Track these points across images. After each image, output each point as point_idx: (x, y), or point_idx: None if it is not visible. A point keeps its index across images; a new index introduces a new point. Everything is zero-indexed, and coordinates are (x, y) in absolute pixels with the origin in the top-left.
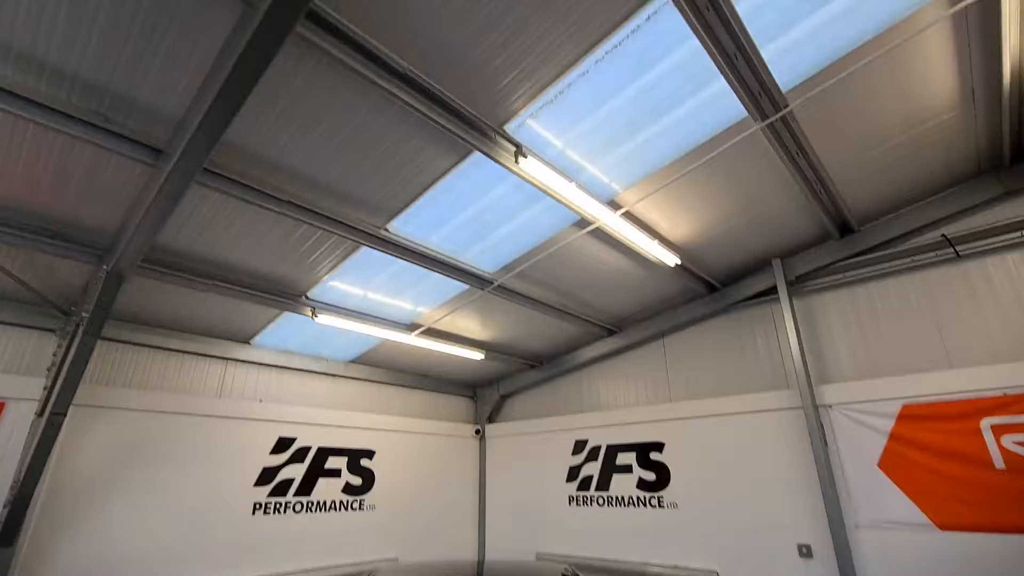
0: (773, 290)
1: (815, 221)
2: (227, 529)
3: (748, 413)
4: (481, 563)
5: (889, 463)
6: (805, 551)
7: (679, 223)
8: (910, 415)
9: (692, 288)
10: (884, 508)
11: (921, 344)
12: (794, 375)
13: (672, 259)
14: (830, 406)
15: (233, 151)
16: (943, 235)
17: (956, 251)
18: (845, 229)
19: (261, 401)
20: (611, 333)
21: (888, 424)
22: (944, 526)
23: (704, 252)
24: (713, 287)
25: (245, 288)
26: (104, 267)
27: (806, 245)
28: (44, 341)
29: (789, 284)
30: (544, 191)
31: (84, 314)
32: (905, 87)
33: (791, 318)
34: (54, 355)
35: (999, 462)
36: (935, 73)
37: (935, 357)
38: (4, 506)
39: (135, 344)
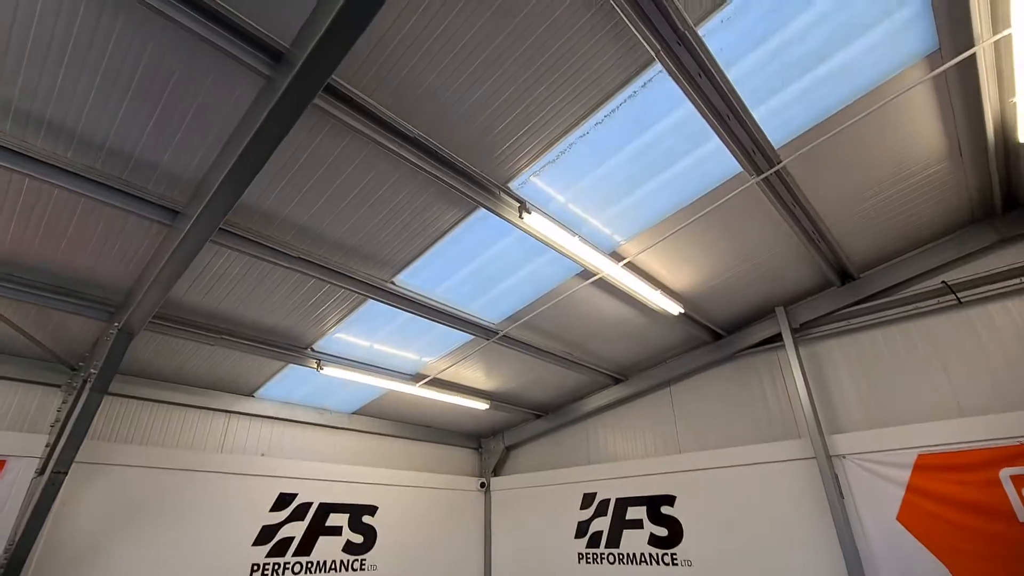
0: (778, 337)
1: (815, 269)
2: None
3: (760, 464)
4: None
5: (909, 516)
6: None
7: (681, 273)
8: (926, 465)
9: (696, 336)
10: (908, 567)
11: (930, 392)
12: (804, 424)
13: (675, 308)
14: (843, 456)
15: (246, 210)
16: (943, 282)
17: (958, 298)
18: (845, 276)
19: (263, 455)
20: (617, 381)
21: (905, 475)
22: None
23: (707, 301)
24: (718, 335)
25: (252, 341)
26: (116, 324)
27: (808, 292)
28: (48, 397)
29: (794, 331)
30: (547, 244)
31: (92, 370)
32: (894, 142)
33: (798, 365)
34: (58, 411)
35: (1022, 515)
36: (922, 129)
37: (946, 405)
38: (3, 560)
39: (138, 399)
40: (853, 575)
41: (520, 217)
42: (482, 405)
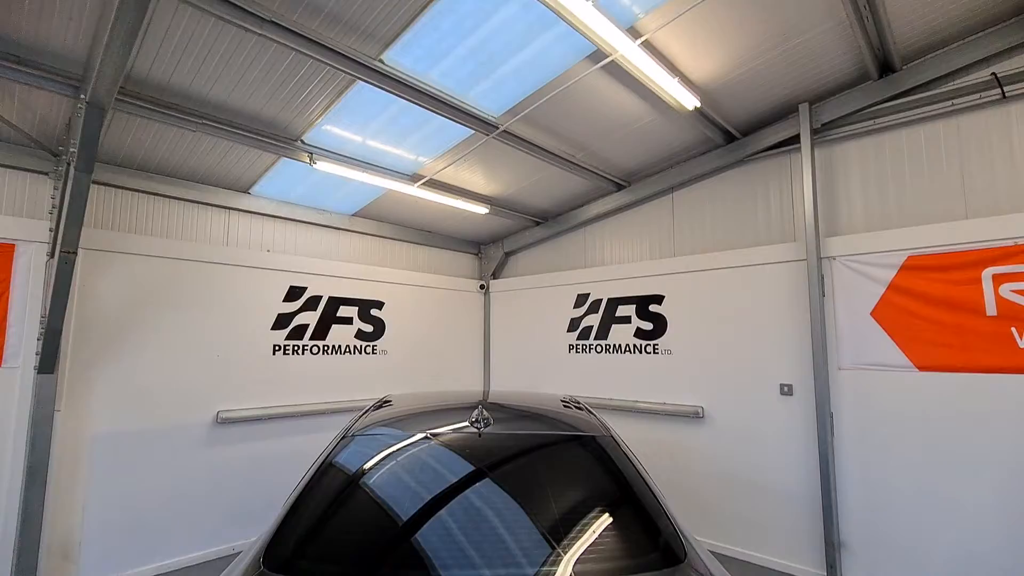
0: (794, 139)
1: (855, 58)
2: (250, 367)
3: (751, 266)
4: (487, 392)
5: (882, 312)
6: (786, 390)
7: (703, 58)
8: (914, 266)
9: (709, 138)
10: (869, 352)
11: (941, 194)
12: (803, 228)
13: (692, 100)
14: (834, 257)
15: None
16: (993, 73)
17: (1003, 91)
18: (885, 68)
19: (268, 251)
20: (619, 188)
21: (890, 274)
22: (923, 367)
23: (726, 95)
24: (731, 137)
25: (236, 129)
26: (82, 97)
27: (839, 88)
28: (39, 186)
29: (814, 132)
30: (557, 12)
31: (72, 149)
32: None
33: (809, 169)
34: (52, 198)
35: (991, 309)
36: None
37: (953, 208)
38: (38, 338)
39: (134, 191)
40: (818, 361)
41: None
42: (482, 209)
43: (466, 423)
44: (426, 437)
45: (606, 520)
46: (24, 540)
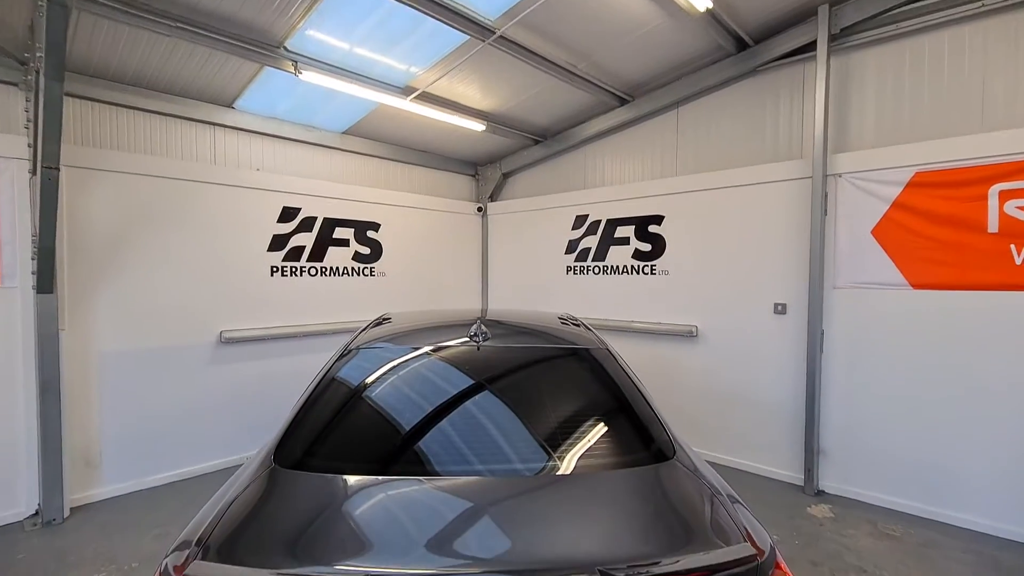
0: (810, 47)
1: None
2: (249, 288)
3: (754, 185)
4: (485, 311)
5: (883, 230)
6: (780, 309)
7: None
8: (920, 183)
9: (720, 45)
10: (865, 271)
11: (957, 106)
12: (811, 145)
13: (703, 1)
14: (840, 175)
15: None
16: None
17: None
18: None
19: (258, 170)
20: (623, 102)
21: (895, 192)
22: (918, 285)
23: None
24: (743, 44)
25: (212, 33)
26: None
27: None
28: (9, 98)
29: (831, 37)
30: None
31: (39, 53)
32: None
33: (824, 78)
34: (26, 111)
35: (993, 226)
36: None
37: (968, 121)
38: (32, 257)
39: (113, 104)
40: (814, 280)
41: None
42: (478, 126)
43: (465, 337)
44: (425, 350)
45: (601, 422)
46: (47, 449)
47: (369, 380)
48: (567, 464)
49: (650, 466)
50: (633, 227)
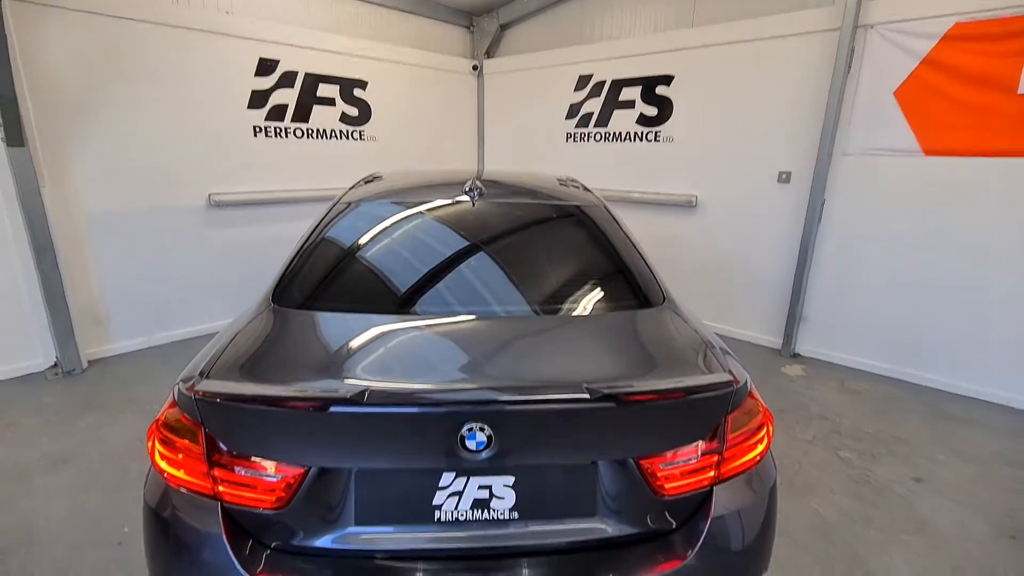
0: None
1: None
2: (232, 149)
3: (774, 39)
4: (480, 171)
5: (906, 91)
6: (784, 177)
7: None
8: (957, 35)
9: None
10: (879, 135)
11: None
12: None
13: None
14: (871, 26)
15: None
16: None
17: None
18: None
19: (228, 13)
20: None
21: (928, 46)
22: (930, 151)
23: None
24: None
25: None
26: None
27: None
28: None
29: None
30: None
31: None
32: None
33: None
34: None
35: None
36: None
37: None
38: None
39: None
40: (824, 146)
41: None
42: None
43: (460, 193)
44: (418, 203)
45: (596, 271)
46: (52, 305)
47: (361, 230)
48: (561, 306)
49: (640, 310)
50: (640, 88)
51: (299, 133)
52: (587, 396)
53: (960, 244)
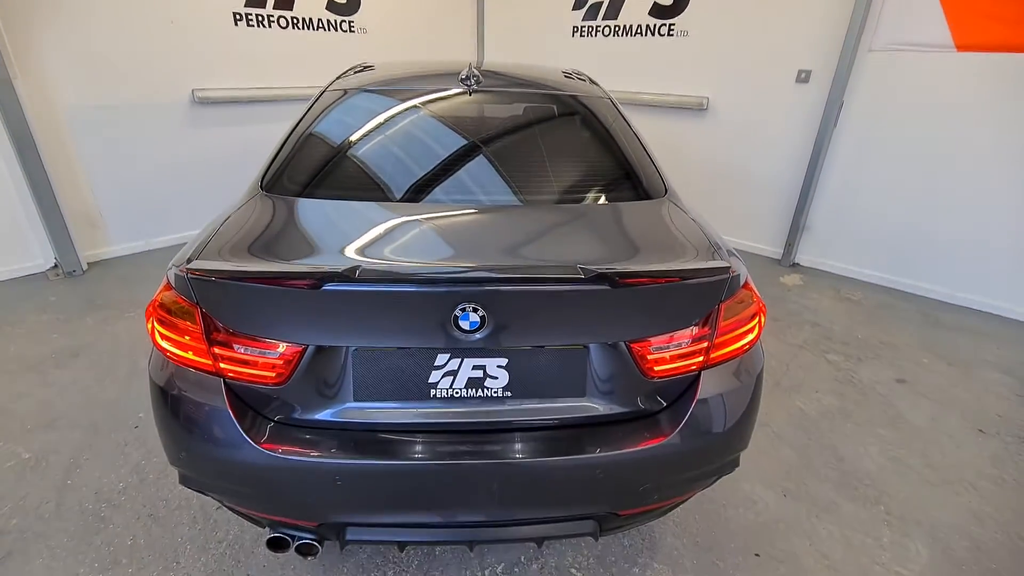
0: None
1: None
2: (212, 39)
3: None
4: (480, 62)
5: None
6: (803, 76)
7: None
8: None
9: None
10: (911, 27)
11: None
12: None
13: None
14: None
15: None
16: None
17: None
18: None
19: None
20: None
21: None
22: (963, 46)
23: None
24: None
25: None
26: None
27: None
28: None
29: None
30: None
31: None
32: None
33: None
34: None
35: None
36: None
37: None
38: None
39: None
40: (850, 39)
41: None
42: None
43: (456, 82)
44: (413, 92)
45: (598, 163)
46: (43, 205)
47: (352, 119)
48: (559, 196)
49: (641, 201)
50: None
51: (283, 22)
52: (581, 276)
53: (975, 151)
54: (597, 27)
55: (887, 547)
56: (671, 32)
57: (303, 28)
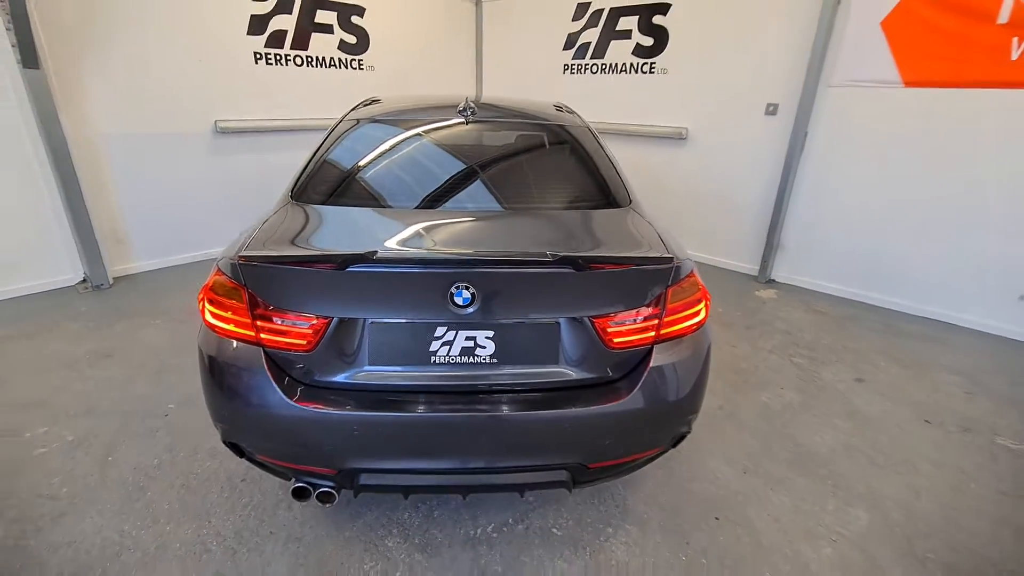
0: None
1: None
2: (236, 76)
3: None
4: (478, 96)
5: (892, 21)
6: (771, 109)
7: None
8: None
9: None
10: (863, 66)
11: None
12: None
13: None
14: None
15: None
16: None
17: None
18: None
19: None
20: None
21: None
22: (910, 82)
23: None
24: None
25: None
26: None
27: None
28: None
29: None
30: None
31: None
32: None
33: None
34: None
35: (1004, 15)
36: None
37: None
38: (7, 28)
39: None
40: (811, 76)
41: None
42: None
43: (455, 112)
44: (417, 120)
45: (574, 176)
46: (78, 223)
47: (366, 142)
48: (539, 204)
49: (615, 209)
50: (637, 18)
51: (299, 61)
52: (549, 259)
53: (925, 176)
54: (586, 65)
55: (831, 512)
56: (652, 70)
57: (317, 66)
